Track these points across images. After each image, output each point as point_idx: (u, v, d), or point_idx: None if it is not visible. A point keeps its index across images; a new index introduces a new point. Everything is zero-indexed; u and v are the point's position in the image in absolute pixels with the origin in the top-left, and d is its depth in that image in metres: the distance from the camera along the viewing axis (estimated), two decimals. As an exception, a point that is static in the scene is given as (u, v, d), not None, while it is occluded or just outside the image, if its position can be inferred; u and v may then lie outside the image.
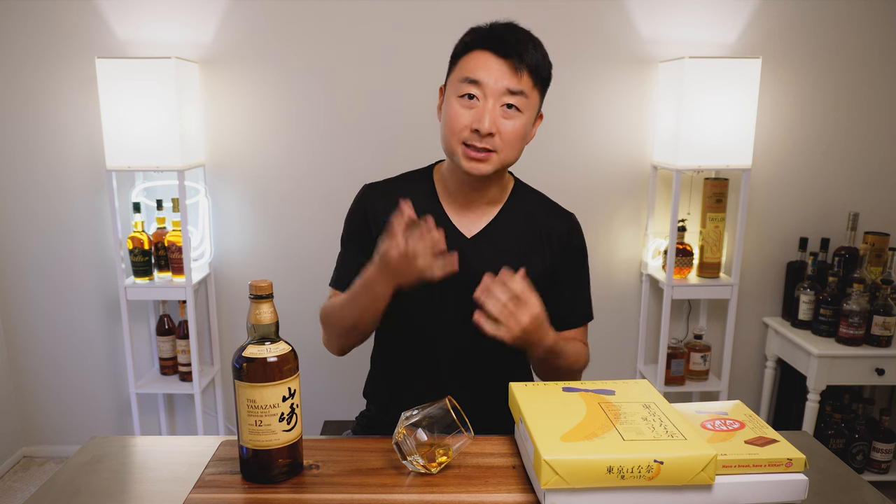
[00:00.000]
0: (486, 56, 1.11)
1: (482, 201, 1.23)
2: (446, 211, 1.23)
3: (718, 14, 2.21)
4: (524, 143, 1.16)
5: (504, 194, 1.26)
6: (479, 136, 1.10)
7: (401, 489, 0.87)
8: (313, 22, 2.19)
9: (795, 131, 2.30)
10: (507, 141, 1.11)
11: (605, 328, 2.43)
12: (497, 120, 1.10)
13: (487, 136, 1.10)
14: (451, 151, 1.14)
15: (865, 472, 2.23)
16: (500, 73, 1.09)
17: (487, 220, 1.23)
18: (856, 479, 0.95)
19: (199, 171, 2.28)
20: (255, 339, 0.87)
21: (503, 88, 1.09)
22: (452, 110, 1.12)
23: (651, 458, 0.78)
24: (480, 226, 1.22)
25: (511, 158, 1.15)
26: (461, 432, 0.88)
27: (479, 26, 1.15)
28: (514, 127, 1.11)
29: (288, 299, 2.28)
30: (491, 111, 1.09)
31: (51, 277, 2.36)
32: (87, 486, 0.90)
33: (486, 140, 1.10)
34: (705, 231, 2.24)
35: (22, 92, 2.21)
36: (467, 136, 1.11)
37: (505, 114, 1.11)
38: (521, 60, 1.09)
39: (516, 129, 1.12)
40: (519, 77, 1.10)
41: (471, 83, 1.10)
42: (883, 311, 2.08)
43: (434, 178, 1.27)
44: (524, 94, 1.11)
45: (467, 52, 1.13)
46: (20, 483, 2.34)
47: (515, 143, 1.13)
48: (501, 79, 1.09)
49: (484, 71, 1.10)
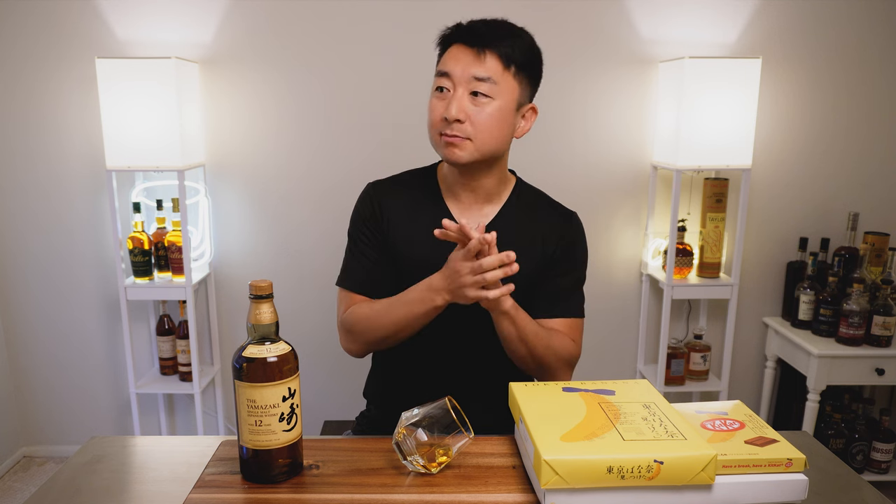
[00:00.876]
0: (456, 49, 1.15)
1: (481, 198, 1.23)
2: (450, 208, 1.24)
3: (718, 14, 2.21)
4: (505, 132, 1.16)
5: (505, 192, 1.26)
6: (448, 124, 1.13)
7: (401, 489, 0.87)
8: (313, 22, 2.19)
9: (795, 131, 2.30)
10: (480, 128, 1.13)
11: (605, 328, 2.43)
12: (465, 107, 1.12)
13: (456, 122, 1.12)
14: (434, 144, 1.18)
15: (865, 472, 2.23)
16: (466, 62, 1.13)
17: (489, 218, 1.24)
18: (856, 479, 0.95)
19: (199, 171, 2.28)
20: (255, 339, 0.87)
21: (469, 76, 1.12)
22: (430, 104, 1.17)
23: (651, 458, 0.78)
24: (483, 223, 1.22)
25: (489, 146, 1.15)
26: (461, 432, 0.88)
27: (459, 23, 1.18)
28: (485, 113, 1.13)
29: (288, 299, 2.28)
30: (459, 99, 1.12)
31: (51, 277, 2.36)
32: (87, 486, 0.90)
33: (455, 127, 1.12)
34: (705, 231, 2.24)
35: (22, 92, 2.21)
36: (441, 126, 1.14)
37: (473, 101, 1.13)
38: (484, 46, 1.12)
39: (488, 116, 1.13)
40: (483, 62, 1.12)
41: (441, 76, 1.15)
42: (883, 311, 2.08)
43: (437, 176, 1.28)
44: (491, 79, 1.12)
45: (445, 48, 1.18)
46: (20, 483, 2.34)
47: (490, 130, 1.14)
48: (467, 67, 1.12)
49: (452, 61, 1.14)
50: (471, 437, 0.90)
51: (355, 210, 1.29)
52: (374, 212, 1.25)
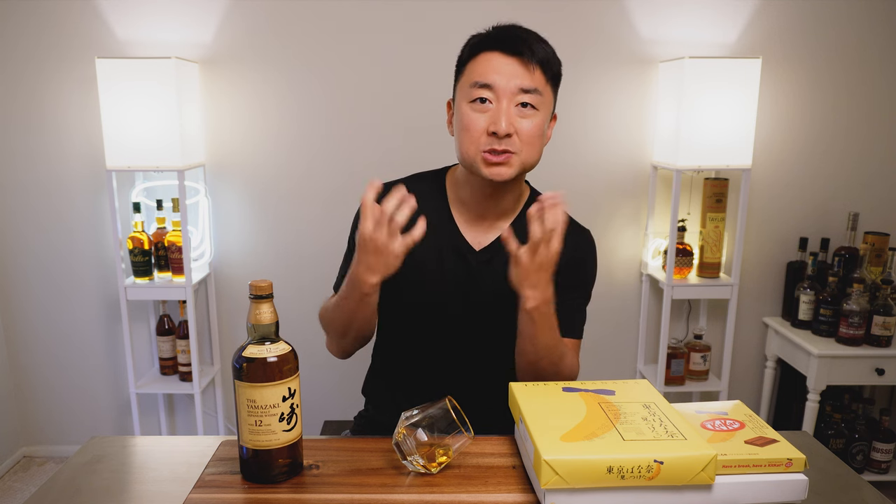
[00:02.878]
0: (494, 57, 1.07)
1: (495, 212, 1.19)
2: (456, 221, 1.19)
3: (718, 14, 2.21)
4: (542, 142, 1.13)
5: (518, 205, 1.22)
6: (497, 139, 1.06)
7: (401, 489, 0.87)
8: (313, 22, 2.19)
9: (795, 131, 2.30)
10: (526, 140, 1.08)
11: (605, 328, 2.43)
12: (514, 120, 1.06)
13: (506, 137, 1.06)
14: (470, 161, 1.10)
15: (865, 472, 2.23)
16: (512, 72, 1.06)
17: (497, 232, 1.19)
18: (856, 479, 0.95)
19: (199, 171, 2.28)
20: (255, 339, 0.87)
21: (516, 87, 1.06)
22: (466, 117, 1.08)
23: (651, 458, 0.78)
24: (490, 238, 1.19)
25: (532, 160, 1.11)
26: (461, 432, 0.88)
27: (482, 31, 1.11)
28: (531, 126, 1.07)
29: (288, 299, 2.28)
30: (507, 112, 1.05)
31: (51, 277, 2.36)
32: (87, 486, 0.90)
33: (504, 142, 1.06)
34: (705, 231, 2.24)
35: (22, 92, 2.22)
36: (485, 142, 1.07)
37: (521, 113, 1.07)
38: (532, 56, 1.05)
39: (534, 128, 1.08)
40: (531, 73, 1.06)
41: (482, 87, 1.06)
42: (883, 311, 2.08)
43: (447, 183, 1.23)
44: (538, 91, 1.07)
45: (474, 55, 1.09)
46: (20, 483, 2.34)
47: (534, 142, 1.09)
48: (513, 77, 1.06)
49: (494, 72, 1.06)
50: (471, 438, 0.90)
51: (356, 217, 1.25)
52: None
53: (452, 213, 1.20)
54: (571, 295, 1.19)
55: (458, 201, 1.20)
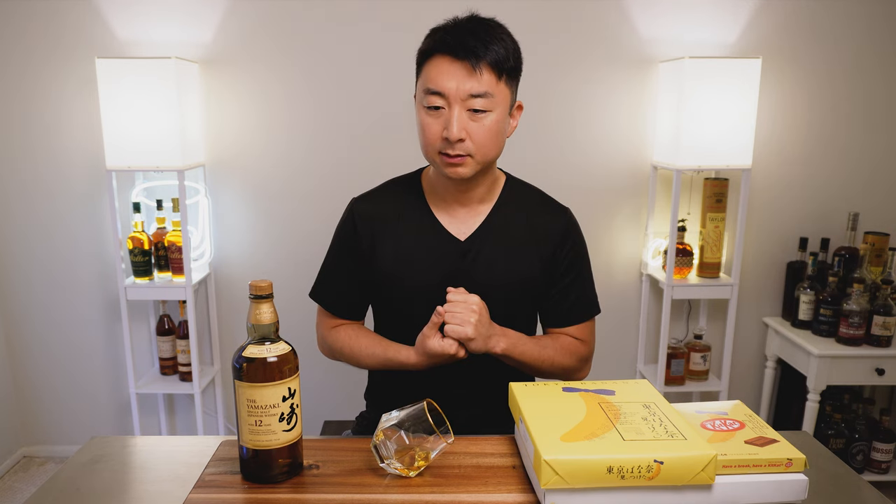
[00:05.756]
0: (444, 62, 1.09)
1: (472, 201, 1.22)
2: (436, 215, 1.22)
3: (718, 14, 2.21)
4: (501, 137, 1.15)
5: (495, 192, 1.24)
6: (450, 144, 1.09)
7: (401, 489, 0.87)
8: (313, 22, 2.19)
9: (795, 131, 2.30)
10: (480, 143, 1.11)
11: (605, 328, 2.43)
12: (465, 125, 1.09)
13: (459, 142, 1.09)
14: (430, 161, 1.16)
15: (865, 472, 2.23)
16: (460, 79, 1.07)
17: (479, 220, 1.22)
18: (856, 479, 0.95)
19: (199, 171, 2.28)
20: (255, 339, 0.87)
21: (465, 94, 1.08)
22: (422, 122, 1.13)
23: (651, 458, 0.78)
24: (473, 227, 1.22)
25: (489, 156, 1.14)
26: (439, 435, 0.88)
27: (438, 26, 1.13)
28: (484, 128, 1.10)
29: (288, 299, 2.27)
30: (458, 118, 1.08)
31: (51, 277, 2.36)
32: (87, 486, 0.90)
33: (458, 146, 1.10)
34: (705, 231, 2.24)
35: (23, 92, 2.21)
36: (441, 145, 1.11)
37: (472, 117, 1.09)
38: (478, 60, 1.07)
39: (487, 129, 1.11)
40: (479, 78, 1.08)
41: (433, 94, 1.09)
42: (883, 311, 2.08)
43: (422, 182, 1.26)
44: (489, 94, 1.09)
45: (427, 59, 1.12)
46: (20, 483, 2.34)
47: (488, 142, 1.12)
48: (462, 84, 1.08)
49: (444, 78, 1.08)
50: (449, 441, 0.89)
51: (338, 227, 1.29)
52: (354, 230, 1.25)
53: (432, 209, 1.23)
54: (566, 280, 1.25)
55: (436, 196, 1.23)
